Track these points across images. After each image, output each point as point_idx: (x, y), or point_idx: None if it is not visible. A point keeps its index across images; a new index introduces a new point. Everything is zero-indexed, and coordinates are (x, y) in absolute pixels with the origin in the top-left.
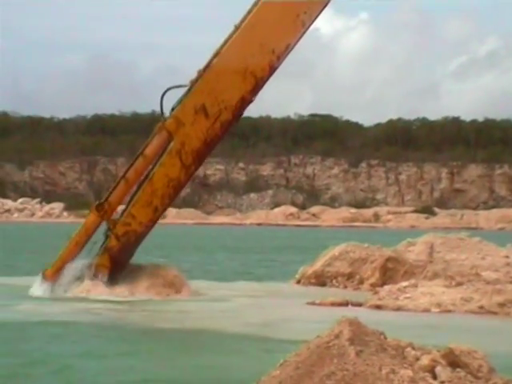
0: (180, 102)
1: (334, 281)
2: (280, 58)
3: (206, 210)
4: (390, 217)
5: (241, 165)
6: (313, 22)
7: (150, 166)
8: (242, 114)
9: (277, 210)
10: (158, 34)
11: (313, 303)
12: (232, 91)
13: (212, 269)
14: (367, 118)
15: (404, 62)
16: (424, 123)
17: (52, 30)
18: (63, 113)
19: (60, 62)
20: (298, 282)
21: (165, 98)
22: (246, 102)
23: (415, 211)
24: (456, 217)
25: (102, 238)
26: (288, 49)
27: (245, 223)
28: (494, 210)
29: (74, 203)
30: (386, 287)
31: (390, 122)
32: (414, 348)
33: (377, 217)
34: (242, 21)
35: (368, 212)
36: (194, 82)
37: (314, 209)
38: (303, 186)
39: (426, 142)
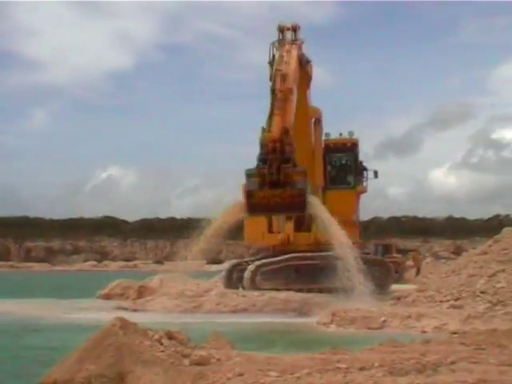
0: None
1: (115, 297)
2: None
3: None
4: (142, 265)
5: None
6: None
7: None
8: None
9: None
10: None
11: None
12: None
13: None
14: None
15: None
16: None
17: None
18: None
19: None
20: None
21: None
22: (291, 150)
23: (156, 262)
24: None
25: None
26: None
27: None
28: None
29: None
30: (142, 300)
31: None
32: (152, 331)
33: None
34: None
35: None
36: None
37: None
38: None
39: None
